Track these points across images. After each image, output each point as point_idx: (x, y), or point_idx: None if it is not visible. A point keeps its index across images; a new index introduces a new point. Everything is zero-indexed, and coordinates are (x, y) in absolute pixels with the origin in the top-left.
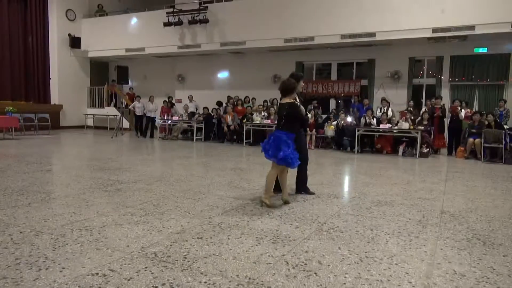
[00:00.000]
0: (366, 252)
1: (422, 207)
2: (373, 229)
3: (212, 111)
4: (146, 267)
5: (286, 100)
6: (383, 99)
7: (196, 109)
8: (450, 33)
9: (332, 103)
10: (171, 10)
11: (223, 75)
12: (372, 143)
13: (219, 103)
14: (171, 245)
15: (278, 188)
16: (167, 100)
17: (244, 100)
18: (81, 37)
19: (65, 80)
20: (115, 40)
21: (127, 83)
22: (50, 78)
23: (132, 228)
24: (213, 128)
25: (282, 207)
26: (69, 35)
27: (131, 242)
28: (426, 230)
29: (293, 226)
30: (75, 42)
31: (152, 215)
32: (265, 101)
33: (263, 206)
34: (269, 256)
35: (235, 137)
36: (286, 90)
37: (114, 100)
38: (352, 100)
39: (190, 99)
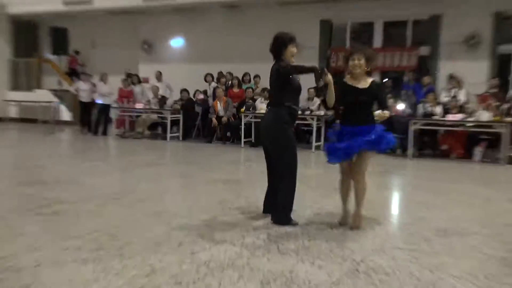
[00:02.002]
0: None
1: (509, 239)
2: (435, 270)
3: (195, 95)
4: None
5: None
6: (452, 77)
7: (168, 92)
8: None
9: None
10: None
11: (210, 40)
12: (435, 143)
13: (209, 78)
14: None
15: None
16: (127, 79)
17: (242, 78)
18: None
19: None
20: None
21: (66, 54)
22: None
23: (79, 269)
24: (196, 121)
25: (298, 238)
26: None
27: None
28: None
29: (316, 265)
30: None
31: (107, 249)
32: None
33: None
34: None
35: (229, 134)
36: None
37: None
38: (405, 78)
39: (158, 77)
